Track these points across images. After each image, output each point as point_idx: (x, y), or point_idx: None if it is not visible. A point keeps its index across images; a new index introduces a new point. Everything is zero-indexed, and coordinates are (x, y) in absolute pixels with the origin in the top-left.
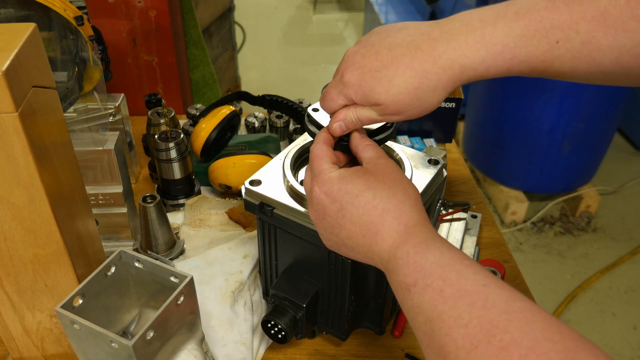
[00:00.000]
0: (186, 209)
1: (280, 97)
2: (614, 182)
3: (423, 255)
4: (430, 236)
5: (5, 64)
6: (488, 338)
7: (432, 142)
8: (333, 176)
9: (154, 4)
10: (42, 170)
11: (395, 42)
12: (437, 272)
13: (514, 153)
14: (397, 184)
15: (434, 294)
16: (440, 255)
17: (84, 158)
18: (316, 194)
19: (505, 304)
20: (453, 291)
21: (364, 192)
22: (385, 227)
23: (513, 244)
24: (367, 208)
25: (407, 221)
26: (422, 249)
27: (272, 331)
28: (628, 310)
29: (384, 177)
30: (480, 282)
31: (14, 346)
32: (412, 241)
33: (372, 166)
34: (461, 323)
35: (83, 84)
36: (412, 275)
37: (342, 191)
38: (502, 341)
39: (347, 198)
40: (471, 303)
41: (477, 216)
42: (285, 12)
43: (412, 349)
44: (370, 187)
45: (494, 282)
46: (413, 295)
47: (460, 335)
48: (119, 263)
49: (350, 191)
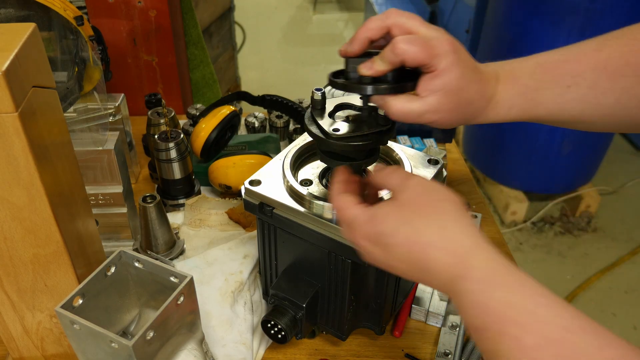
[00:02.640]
0: (186, 209)
1: (280, 97)
2: (614, 182)
3: (490, 293)
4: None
5: (5, 64)
6: None
7: (432, 142)
8: (364, 219)
9: (154, 4)
10: (42, 170)
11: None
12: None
13: (514, 153)
14: (432, 208)
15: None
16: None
17: (84, 158)
18: (357, 242)
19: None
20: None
21: (400, 229)
22: (434, 262)
23: (513, 244)
24: (408, 245)
25: (456, 249)
26: (487, 285)
27: (272, 331)
28: (628, 310)
29: (416, 204)
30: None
31: (14, 346)
32: (471, 275)
33: (401, 194)
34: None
35: (83, 84)
36: (479, 318)
37: (378, 234)
38: None
39: (386, 240)
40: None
41: (477, 216)
42: (285, 12)
43: (412, 349)
44: (404, 221)
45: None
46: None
47: None
48: (119, 263)
49: (384, 232)
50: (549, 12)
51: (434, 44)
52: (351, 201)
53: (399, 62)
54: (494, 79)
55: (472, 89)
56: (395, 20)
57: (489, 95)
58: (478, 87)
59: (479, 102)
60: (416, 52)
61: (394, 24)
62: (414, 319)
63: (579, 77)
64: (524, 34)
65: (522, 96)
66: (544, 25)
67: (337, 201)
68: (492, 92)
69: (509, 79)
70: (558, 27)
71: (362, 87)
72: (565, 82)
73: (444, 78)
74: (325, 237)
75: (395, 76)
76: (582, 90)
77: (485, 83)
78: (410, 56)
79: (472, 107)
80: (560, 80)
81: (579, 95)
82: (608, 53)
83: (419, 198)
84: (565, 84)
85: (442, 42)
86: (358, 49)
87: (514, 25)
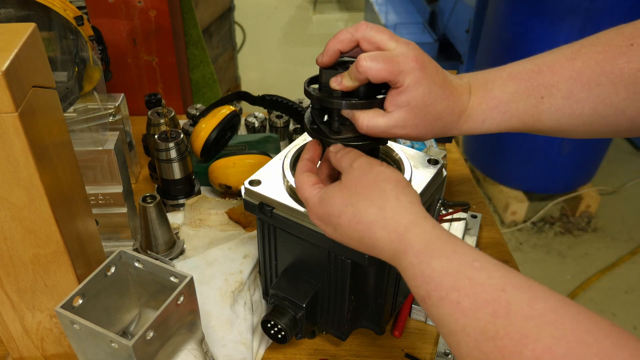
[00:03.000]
0: (186, 209)
1: (280, 97)
2: (614, 182)
3: (428, 264)
4: (428, 239)
5: (5, 64)
6: (519, 349)
7: (432, 142)
8: (315, 201)
9: (154, 4)
10: (42, 170)
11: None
12: (447, 282)
13: (514, 153)
14: (372, 188)
15: (452, 306)
16: (447, 262)
17: (84, 158)
18: (313, 220)
19: (529, 308)
20: (471, 302)
21: (344, 210)
22: (378, 240)
23: (513, 244)
24: (352, 225)
25: (396, 227)
26: (425, 257)
27: (272, 331)
28: (628, 310)
29: (358, 186)
30: (497, 286)
31: (14, 346)
32: (411, 250)
33: (346, 176)
34: (488, 336)
35: (83, 84)
36: (422, 287)
37: (327, 214)
38: (535, 351)
39: (333, 220)
40: (493, 313)
41: (477, 216)
42: (285, 12)
43: (412, 349)
44: (347, 203)
45: (510, 282)
46: (430, 307)
47: (490, 348)
48: (119, 263)
49: (331, 213)
50: (549, 12)
51: (399, 60)
52: (308, 182)
53: (364, 79)
54: (467, 92)
55: (439, 105)
56: (364, 34)
57: (459, 110)
58: (447, 102)
59: (449, 117)
60: (379, 69)
61: (363, 38)
62: (414, 319)
63: (553, 88)
64: (524, 34)
65: (494, 109)
66: (544, 25)
67: (297, 180)
68: (463, 107)
69: (480, 92)
70: (558, 27)
71: (333, 100)
72: (539, 93)
73: (409, 94)
74: (325, 237)
75: (365, 91)
76: (557, 100)
77: (456, 98)
78: (374, 73)
79: (441, 122)
80: (533, 91)
81: (554, 106)
82: (582, 61)
83: (361, 179)
84: (539, 94)
85: (407, 58)
86: (328, 60)
87: (514, 25)
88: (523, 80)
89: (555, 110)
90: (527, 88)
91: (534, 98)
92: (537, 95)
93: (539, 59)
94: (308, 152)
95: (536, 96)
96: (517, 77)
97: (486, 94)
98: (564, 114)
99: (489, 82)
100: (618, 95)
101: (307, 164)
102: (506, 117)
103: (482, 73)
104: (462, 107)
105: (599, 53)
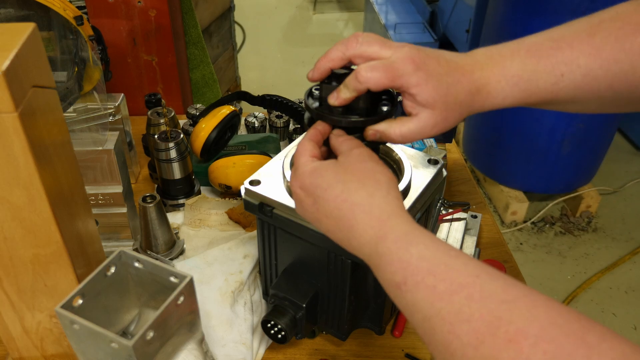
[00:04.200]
0: (186, 209)
1: (280, 97)
2: (614, 182)
3: (406, 250)
4: (408, 228)
5: (5, 64)
6: (493, 331)
7: (432, 142)
8: (307, 170)
9: (154, 4)
10: (42, 170)
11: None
12: (424, 267)
13: (514, 153)
14: (367, 175)
15: (427, 291)
16: (424, 248)
17: (84, 158)
18: (293, 187)
19: (503, 293)
20: (446, 286)
21: (333, 185)
22: (358, 222)
23: (513, 244)
24: (336, 202)
25: (380, 214)
26: (404, 243)
27: (272, 331)
28: (628, 310)
29: (354, 169)
30: (471, 273)
31: (14, 346)
32: (390, 236)
33: (344, 158)
34: (462, 318)
35: (83, 84)
36: (399, 273)
37: (313, 185)
38: (508, 332)
39: (318, 192)
40: (468, 296)
41: (477, 216)
42: (285, 12)
43: (412, 349)
44: (339, 180)
45: (484, 271)
46: (405, 293)
47: (464, 331)
48: (119, 263)
49: (319, 184)
50: (549, 11)
51: (397, 66)
52: (311, 150)
53: (364, 89)
54: (479, 69)
55: (454, 90)
56: (355, 52)
57: (475, 88)
58: (461, 86)
59: (468, 98)
60: (379, 77)
61: (354, 55)
62: None
63: (573, 64)
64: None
65: (514, 87)
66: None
67: (301, 144)
68: (479, 84)
69: (497, 67)
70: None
71: (334, 118)
72: (559, 71)
73: (423, 93)
74: (325, 237)
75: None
76: (576, 77)
77: (468, 77)
78: (374, 82)
79: (463, 105)
80: (553, 69)
81: (573, 82)
82: (601, 37)
83: (359, 165)
84: (559, 72)
85: (405, 61)
86: (318, 78)
87: (514, 25)
88: (542, 58)
89: (574, 87)
90: (546, 65)
91: (554, 76)
92: (557, 73)
93: (556, 33)
94: (321, 125)
95: (556, 74)
96: (536, 54)
97: (504, 71)
98: (582, 90)
99: (506, 57)
100: (635, 73)
101: (317, 134)
102: (526, 94)
103: (497, 48)
104: (478, 84)
105: (619, 29)
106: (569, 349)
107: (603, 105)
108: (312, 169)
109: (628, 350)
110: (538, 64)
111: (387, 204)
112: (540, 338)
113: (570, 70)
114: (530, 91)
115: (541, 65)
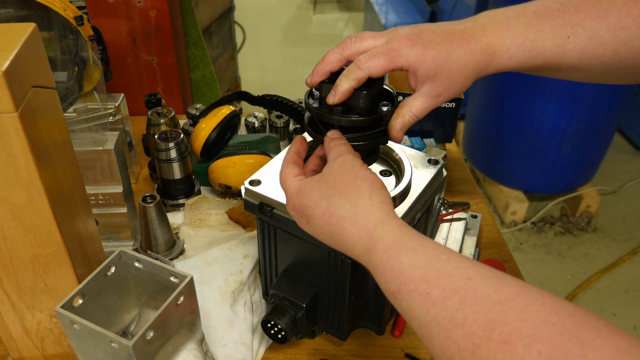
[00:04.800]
0: (186, 209)
1: (280, 97)
2: (614, 182)
3: (397, 259)
4: (397, 235)
5: (5, 64)
6: (488, 334)
7: (432, 142)
8: (293, 192)
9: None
10: (42, 170)
11: (445, 27)
12: (416, 275)
13: (514, 153)
14: (348, 184)
15: (421, 298)
16: (414, 255)
17: (84, 158)
18: (289, 211)
19: (496, 294)
20: (439, 292)
21: (319, 203)
22: (348, 235)
23: (513, 244)
24: (325, 218)
25: (366, 224)
26: (394, 252)
27: (272, 331)
28: (628, 310)
29: (336, 181)
30: (463, 276)
31: (14, 346)
32: (380, 246)
33: (328, 169)
34: (457, 323)
35: (83, 84)
36: (392, 282)
37: (302, 205)
38: (503, 334)
39: (308, 212)
40: (461, 301)
41: (477, 216)
42: (285, 12)
43: (412, 349)
44: (323, 196)
45: (476, 272)
46: (401, 301)
47: (460, 336)
48: (119, 263)
49: (307, 204)
50: None
51: (394, 47)
52: (291, 172)
53: (365, 76)
54: (480, 30)
55: (455, 55)
56: (352, 50)
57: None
58: (462, 50)
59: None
60: (379, 61)
61: (351, 54)
62: None
63: (579, 27)
64: None
65: (520, 46)
66: None
67: (282, 171)
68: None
69: (503, 28)
70: None
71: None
72: (565, 33)
73: (422, 67)
74: None
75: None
76: (582, 40)
77: (468, 40)
78: (375, 67)
79: (468, 69)
80: (559, 30)
81: (579, 45)
82: (609, 1)
83: (340, 175)
84: (565, 34)
85: (399, 41)
86: (317, 82)
87: None
88: (548, 19)
89: (580, 50)
90: (552, 26)
91: (559, 37)
92: (563, 35)
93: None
94: (295, 145)
95: (562, 35)
96: (542, 16)
97: (509, 31)
98: (587, 55)
99: (512, 18)
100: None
101: (293, 156)
102: (531, 55)
103: (502, 10)
104: (482, 45)
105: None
106: (563, 347)
107: (607, 73)
108: (298, 189)
109: (623, 344)
110: (544, 25)
111: (371, 212)
112: (535, 338)
113: (576, 33)
114: (535, 51)
115: (547, 26)
